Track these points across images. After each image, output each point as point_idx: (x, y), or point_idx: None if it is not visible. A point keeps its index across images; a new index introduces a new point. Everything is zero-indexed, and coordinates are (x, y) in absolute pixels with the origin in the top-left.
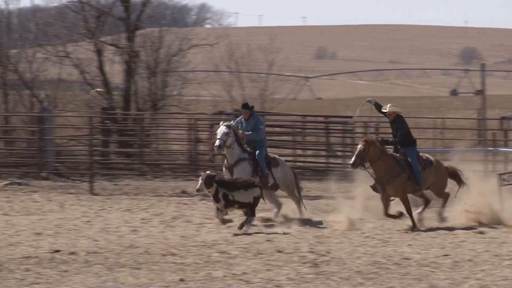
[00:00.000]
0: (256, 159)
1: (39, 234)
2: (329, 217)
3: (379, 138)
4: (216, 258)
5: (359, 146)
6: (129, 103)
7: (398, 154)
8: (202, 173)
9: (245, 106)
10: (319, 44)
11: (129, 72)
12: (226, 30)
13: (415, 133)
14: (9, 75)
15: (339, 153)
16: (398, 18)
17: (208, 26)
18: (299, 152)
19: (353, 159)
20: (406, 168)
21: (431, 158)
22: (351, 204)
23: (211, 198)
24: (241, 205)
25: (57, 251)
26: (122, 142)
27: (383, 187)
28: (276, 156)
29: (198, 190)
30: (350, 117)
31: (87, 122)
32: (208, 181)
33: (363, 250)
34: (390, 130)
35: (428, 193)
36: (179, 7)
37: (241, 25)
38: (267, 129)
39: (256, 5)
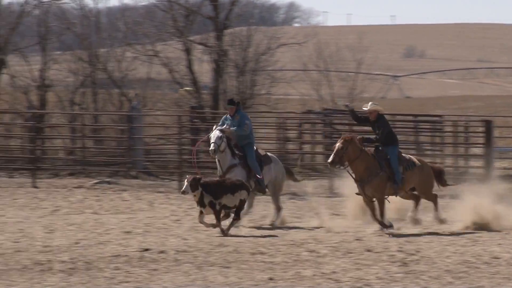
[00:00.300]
0: (247, 163)
1: (128, 232)
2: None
3: (359, 137)
4: (305, 257)
5: (337, 145)
6: (217, 102)
7: (378, 154)
8: (188, 176)
9: (231, 101)
10: (408, 42)
11: (218, 71)
12: (314, 28)
13: (504, 132)
14: (98, 74)
15: (428, 152)
16: (488, 17)
17: (296, 25)
18: None
19: (331, 157)
20: (386, 168)
21: (414, 159)
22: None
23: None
24: (226, 209)
25: (147, 249)
26: None
27: (363, 187)
28: (268, 153)
29: (183, 192)
30: (440, 116)
31: (176, 121)
32: (194, 184)
33: (452, 249)
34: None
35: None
36: (267, 6)
37: (329, 24)
38: (357, 128)
39: (345, 4)
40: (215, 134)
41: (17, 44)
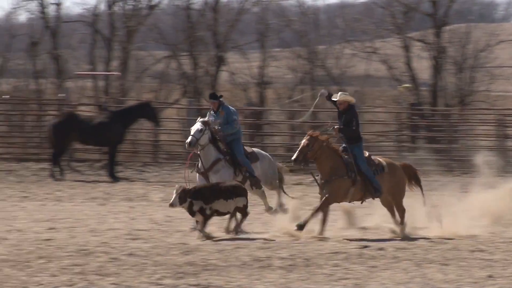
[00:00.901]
0: (234, 158)
1: (344, 229)
2: None
3: (336, 126)
4: None
5: (303, 141)
6: (436, 99)
7: (346, 156)
8: (177, 186)
9: (213, 95)
10: None
11: (437, 68)
12: None
13: None
14: (317, 71)
15: None
16: None
17: None
18: None
19: (295, 154)
20: (353, 173)
21: (383, 162)
22: None
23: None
24: (219, 214)
25: (366, 246)
26: (430, 138)
27: (324, 187)
28: (254, 149)
29: (171, 205)
30: None
31: (395, 118)
32: (183, 197)
33: None
34: None
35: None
36: (486, 2)
37: None
38: None
39: None
40: (195, 126)
41: (236, 41)
